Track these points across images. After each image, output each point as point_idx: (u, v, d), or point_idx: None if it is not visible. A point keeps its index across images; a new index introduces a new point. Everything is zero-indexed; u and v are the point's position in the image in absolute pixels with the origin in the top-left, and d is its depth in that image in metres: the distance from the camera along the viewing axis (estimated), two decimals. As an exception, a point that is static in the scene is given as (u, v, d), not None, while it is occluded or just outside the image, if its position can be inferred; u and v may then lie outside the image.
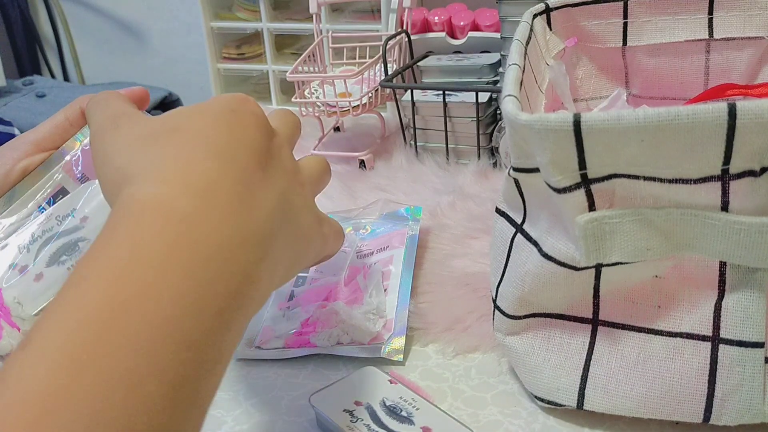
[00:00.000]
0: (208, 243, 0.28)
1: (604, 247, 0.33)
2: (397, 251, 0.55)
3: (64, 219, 0.43)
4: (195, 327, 0.26)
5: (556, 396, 0.39)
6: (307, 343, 0.46)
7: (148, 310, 0.25)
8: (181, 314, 0.26)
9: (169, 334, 0.25)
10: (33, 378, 0.23)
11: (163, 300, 0.26)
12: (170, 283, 0.26)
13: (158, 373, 0.24)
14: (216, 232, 0.29)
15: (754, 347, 0.34)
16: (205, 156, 0.31)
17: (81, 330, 0.24)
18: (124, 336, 0.24)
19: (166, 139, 0.32)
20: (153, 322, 0.25)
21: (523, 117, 0.33)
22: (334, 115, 0.80)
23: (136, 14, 1.43)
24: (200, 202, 0.29)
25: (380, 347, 0.45)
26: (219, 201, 0.30)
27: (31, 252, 0.43)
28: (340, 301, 0.49)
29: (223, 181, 0.31)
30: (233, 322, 0.28)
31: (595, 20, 0.57)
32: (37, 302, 0.42)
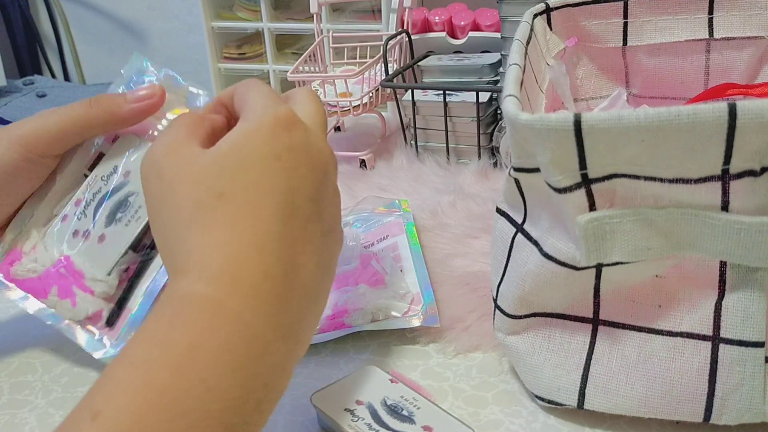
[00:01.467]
0: (255, 342, 0.31)
1: (604, 247, 0.33)
2: (399, 238, 0.57)
3: (110, 178, 0.45)
4: (236, 418, 0.29)
5: (557, 395, 0.39)
6: (341, 325, 0.47)
7: (200, 403, 0.28)
8: (225, 408, 0.29)
9: (214, 427, 0.28)
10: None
11: (213, 395, 0.29)
12: (220, 380, 0.29)
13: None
14: (262, 333, 0.31)
15: (755, 347, 0.34)
16: (256, 246, 0.32)
17: (146, 413, 0.27)
18: (180, 424, 0.28)
19: (213, 213, 0.33)
20: (202, 414, 0.28)
21: (523, 117, 0.33)
22: (335, 115, 0.80)
23: (137, 14, 1.43)
24: (249, 302, 0.31)
25: (416, 317, 0.47)
26: (265, 299, 0.32)
27: (87, 216, 0.44)
28: (363, 284, 0.50)
29: (269, 279, 0.32)
30: (266, 411, 0.31)
31: (595, 20, 0.57)
32: (106, 263, 0.43)
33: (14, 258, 0.45)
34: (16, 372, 0.47)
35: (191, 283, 0.31)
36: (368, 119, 0.91)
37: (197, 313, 0.30)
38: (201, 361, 0.29)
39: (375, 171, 0.78)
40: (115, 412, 0.27)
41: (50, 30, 1.51)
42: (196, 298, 0.31)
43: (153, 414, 0.27)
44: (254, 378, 0.30)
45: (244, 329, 0.31)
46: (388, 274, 0.51)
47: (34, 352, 0.49)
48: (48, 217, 0.46)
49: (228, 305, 0.31)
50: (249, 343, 0.31)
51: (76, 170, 0.46)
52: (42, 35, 1.52)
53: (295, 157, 0.34)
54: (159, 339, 0.30)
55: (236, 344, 0.30)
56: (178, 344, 0.29)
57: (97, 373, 0.46)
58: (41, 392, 0.44)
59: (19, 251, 0.45)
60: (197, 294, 0.31)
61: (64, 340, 0.49)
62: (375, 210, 0.63)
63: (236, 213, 0.33)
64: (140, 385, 0.28)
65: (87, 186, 0.45)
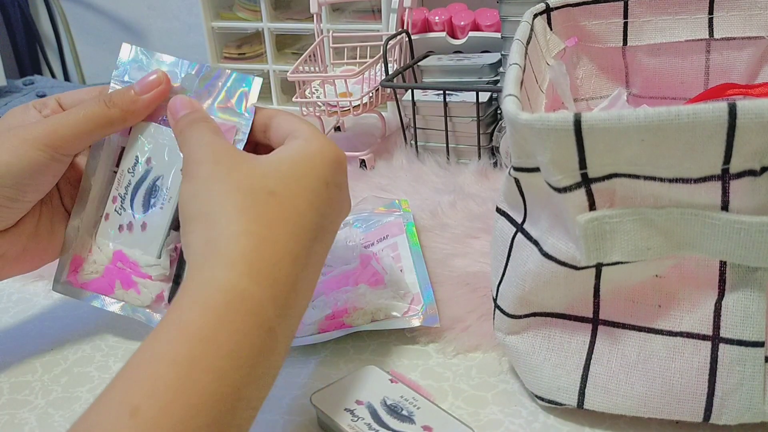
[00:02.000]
0: (277, 349, 0.34)
1: (604, 247, 0.33)
2: (399, 238, 0.57)
3: (135, 168, 0.47)
4: (249, 421, 0.33)
5: (557, 395, 0.39)
6: (342, 325, 0.47)
7: (231, 412, 0.31)
8: (250, 416, 0.32)
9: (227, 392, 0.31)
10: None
11: (243, 404, 0.31)
12: (250, 390, 0.32)
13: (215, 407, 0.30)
14: (282, 342, 0.34)
15: (754, 346, 0.34)
16: (292, 255, 0.35)
17: (188, 416, 0.29)
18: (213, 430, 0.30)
19: (262, 205, 0.36)
20: (231, 420, 0.30)
21: (523, 116, 0.33)
22: (335, 115, 0.80)
23: (137, 14, 1.43)
24: (279, 311, 0.34)
25: (416, 317, 0.47)
26: (290, 312, 0.35)
27: (126, 210, 0.47)
28: (363, 284, 0.50)
29: (294, 291, 0.35)
30: (266, 375, 0.34)
31: (595, 20, 0.57)
32: (153, 247, 0.46)
33: (77, 265, 0.48)
34: (16, 372, 0.47)
35: (238, 276, 0.33)
36: (368, 119, 0.91)
37: (242, 315, 0.32)
38: (239, 371, 0.31)
39: (375, 171, 0.78)
40: (155, 412, 0.28)
41: (50, 30, 1.51)
42: (241, 296, 0.33)
43: (193, 418, 0.29)
44: (266, 384, 0.34)
45: (273, 336, 0.33)
46: (388, 274, 0.51)
47: (34, 352, 0.49)
48: (95, 220, 0.48)
49: (266, 311, 0.33)
50: (273, 353, 0.33)
51: (107, 170, 0.48)
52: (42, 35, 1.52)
53: (337, 193, 0.39)
54: (204, 338, 0.31)
55: (265, 354, 0.33)
56: (222, 348, 0.31)
57: (97, 373, 0.46)
58: (41, 392, 0.44)
59: (80, 258, 0.48)
60: (245, 293, 0.33)
61: (64, 340, 0.50)
62: (375, 210, 0.63)
63: (284, 217, 0.36)
64: (182, 388, 0.29)
65: (117, 182, 0.47)
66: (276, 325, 0.34)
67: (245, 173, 0.37)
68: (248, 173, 0.37)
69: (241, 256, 0.34)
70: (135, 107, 0.45)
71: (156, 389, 0.29)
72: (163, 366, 0.30)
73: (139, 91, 0.45)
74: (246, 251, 0.34)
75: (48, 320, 0.53)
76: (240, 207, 0.35)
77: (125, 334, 0.50)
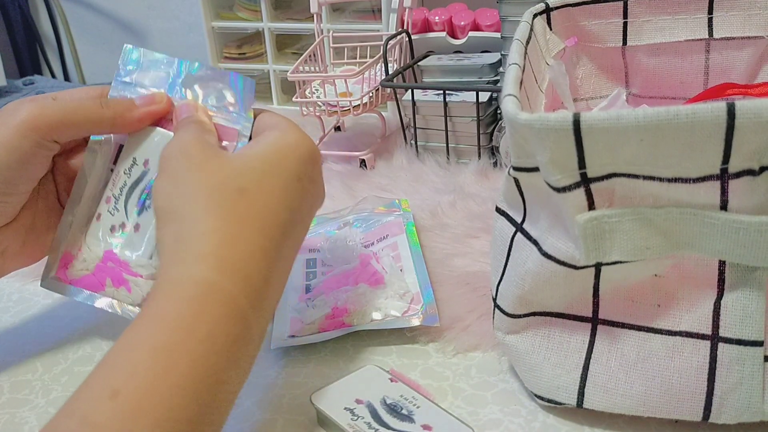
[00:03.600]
0: (253, 338, 0.35)
1: (603, 246, 0.33)
2: (399, 238, 0.57)
3: (131, 170, 0.46)
4: (231, 403, 0.34)
5: (556, 394, 0.39)
6: (341, 324, 0.47)
7: (213, 393, 0.32)
8: (230, 400, 0.33)
9: (220, 415, 0.33)
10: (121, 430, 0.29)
11: (223, 387, 0.32)
12: (229, 374, 0.33)
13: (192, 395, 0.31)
14: (257, 333, 0.35)
15: (754, 346, 0.34)
16: (263, 249, 0.36)
17: (168, 397, 0.30)
18: (194, 411, 0.31)
19: (231, 202, 0.36)
20: (212, 401, 0.32)
21: (523, 116, 0.33)
22: (335, 115, 0.80)
23: (136, 14, 1.43)
24: (252, 302, 0.35)
25: (416, 316, 0.47)
26: (262, 303, 0.36)
27: (119, 210, 0.47)
28: (363, 284, 0.50)
29: (267, 284, 0.36)
30: (242, 361, 0.34)
31: (595, 20, 0.57)
32: (145, 248, 0.46)
33: (67, 261, 0.48)
34: (16, 371, 0.47)
35: (209, 270, 0.34)
36: (368, 119, 0.91)
37: (215, 306, 0.33)
38: (215, 356, 0.32)
39: (375, 171, 0.78)
40: (136, 393, 0.29)
41: (50, 30, 1.51)
42: (214, 289, 0.33)
43: (173, 398, 0.29)
44: (243, 370, 0.35)
45: (245, 326, 0.34)
46: (388, 273, 0.51)
47: (34, 351, 0.49)
48: (88, 217, 0.48)
49: (239, 303, 0.34)
50: (246, 341, 0.34)
51: (103, 168, 0.48)
52: (42, 35, 1.52)
53: (310, 186, 0.40)
54: (182, 327, 0.32)
55: (240, 341, 0.33)
56: (198, 334, 0.32)
57: (97, 373, 0.46)
58: (41, 392, 0.45)
59: (70, 254, 0.48)
60: (214, 284, 0.33)
61: (64, 340, 0.50)
62: (375, 210, 0.64)
63: (253, 213, 0.36)
64: (162, 370, 0.30)
65: (113, 182, 0.47)
66: (250, 315, 0.34)
67: (215, 170, 0.37)
68: (218, 170, 0.37)
69: (211, 252, 0.34)
70: (129, 115, 0.45)
71: (136, 373, 0.30)
72: (143, 352, 0.31)
73: (138, 104, 0.45)
74: (216, 248, 0.34)
75: (48, 320, 0.53)
76: (208, 206, 0.36)
77: (125, 334, 0.50)
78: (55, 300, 0.55)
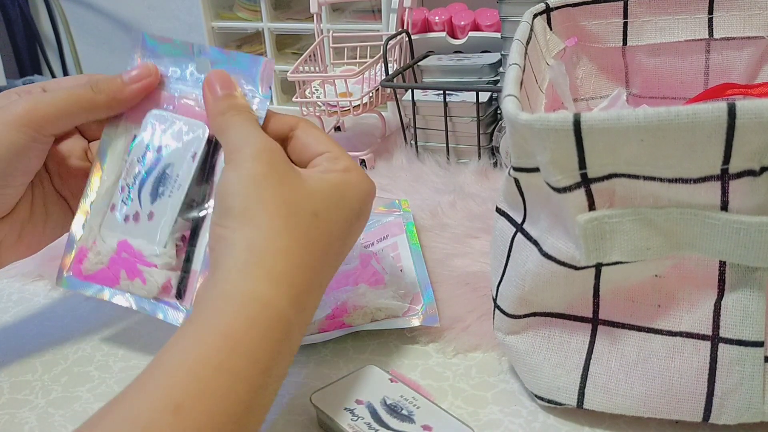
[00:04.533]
0: (291, 351, 0.36)
1: (604, 247, 0.33)
2: (399, 238, 0.57)
3: (144, 157, 0.46)
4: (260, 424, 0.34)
5: (556, 395, 0.39)
6: (341, 325, 0.47)
7: (258, 418, 0.34)
8: (265, 412, 0.35)
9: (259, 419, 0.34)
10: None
11: (266, 410, 0.34)
12: (272, 398, 0.35)
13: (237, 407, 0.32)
14: (296, 339, 0.37)
15: (754, 346, 0.34)
16: (318, 276, 0.38)
17: (225, 423, 0.31)
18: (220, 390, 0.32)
19: (305, 225, 0.37)
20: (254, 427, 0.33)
21: (523, 117, 0.33)
22: (335, 115, 0.80)
23: (137, 14, 1.43)
24: (303, 328, 0.37)
25: (416, 317, 0.47)
26: (308, 317, 0.38)
27: (133, 200, 0.46)
28: (363, 284, 0.50)
29: (317, 303, 0.39)
30: (278, 376, 0.36)
31: (595, 20, 0.57)
32: (160, 237, 0.45)
33: (82, 257, 0.47)
34: (16, 372, 0.47)
35: (280, 297, 0.35)
36: (368, 119, 0.91)
37: (279, 334, 0.34)
38: (270, 387, 0.34)
39: (375, 171, 0.78)
40: (199, 413, 0.30)
41: (50, 30, 1.51)
42: (281, 319, 0.35)
43: (229, 424, 0.31)
44: (283, 373, 0.36)
45: (291, 352, 0.36)
46: (388, 273, 0.51)
47: (34, 351, 0.49)
48: (104, 210, 0.47)
49: (294, 331, 0.36)
50: (290, 342, 0.36)
51: (119, 159, 0.47)
52: (42, 35, 1.52)
53: (362, 223, 0.42)
54: (247, 352, 0.33)
55: (285, 348, 0.35)
56: (261, 361, 0.33)
57: (97, 373, 0.46)
58: (41, 392, 0.45)
59: (85, 249, 0.47)
60: (282, 313, 0.35)
61: (64, 340, 0.50)
62: (375, 210, 0.63)
63: (320, 239, 0.38)
64: (225, 393, 0.31)
65: (126, 171, 0.46)
66: (296, 342, 0.37)
67: (295, 186, 0.38)
68: (297, 188, 0.38)
69: (284, 276, 0.35)
70: (122, 95, 0.45)
71: (201, 392, 0.31)
72: (208, 371, 0.32)
73: (127, 81, 0.45)
74: (289, 273, 0.36)
75: (48, 320, 0.53)
76: (286, 223, 0.36)
77: (125, 334, 0.50)
78: (55, 300, 0.55)
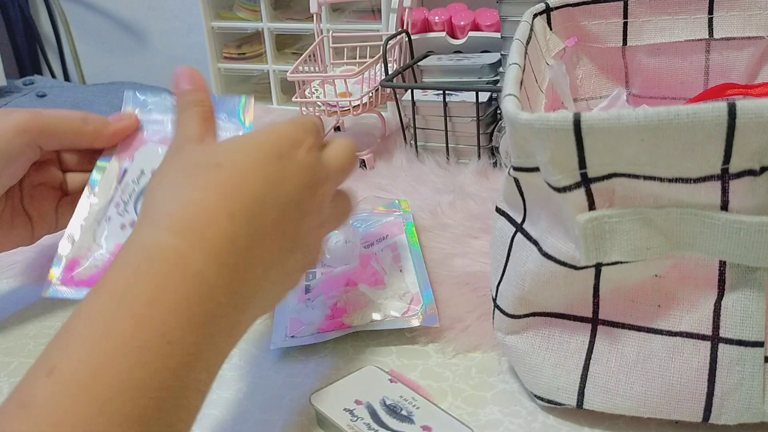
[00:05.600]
0: (211, 302, 0.32)
1: (604, 247, 0.33)
2: (399, 238, 0.57)
3: (140, 179, 0.50)
4: (190, 374, 0.30)
5: (556, 395, 0.39)
6: (341, 325, 0.47)
7: (159, 357, 0.29)
8: (181, 364, 0.30)
9: (170, 381, 0.29)
10: (58, 408, 0.27)
11: (172, 348, 0.30)
12: (178, 335, 0.30)
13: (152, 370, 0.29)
14: (217, 296, 0.32)
15: (754, 346, 0.34)
16: (229, 213, 0.34)
17: (105, 364, 0.28)
18: (138, 375, 0.28)
19: (204, 175, 0.35)
20: (161, 367, 0.29)
21: (523, 116, 0.33)
22: (335, 115, 0.80)
23: (136, 14, 1.43)
24: (210, 261, 0.33)
25: (415, 317, 0.47)
26: (225, 263, 0.33)
27: (129, 211, 0.50)
28: (363, 284, 0.50)
29: (233, 245, 0.34)
30: (213, 372, 0.33)
31: (595, 20, 0.57)
32: None
33: (73, 265, 0.49)
34: (15, 372, 0.47)
35: (158, 230, 0.33)
36: (368, 119, 0.91)
37: (160, 263, 0.32)
38: (162, 314, 0.30)
39: (375, 171, 0.78)
40: (71, 365, 0.28)
41: (50, 30, 1.51)
42: (161, 248, 0.32)
43: (112, 365, 0.28)
44: (207, 338, 0.32)
45: (204, 287, 0.32)
46: (388, 274, 0.51)
47: (33, 351, 0.49)
48: (95, 228, 0.50)
49: (191, 259, 0.32)
50: (206, 302, 0.32)
51: (108, 186, 0.51)
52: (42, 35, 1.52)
53: (298, 171, 0.37)
54: (120, 291, 0.31)
55: (195, 300, 0.31)
56: (140, 296, 0.30)
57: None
58: (41, 392, 0.44)
59: (76, 261, 0.49)
60: (163, 243, 0.32)
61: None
62: (375, 210, 0.63)
63: (223, 181, 0.35)
64: (98, 338, 0.29)
65: (121, 191, 0.50)
66: (211, 278, 0.32)
67: (198, 151, 0.38)
68: (200, 151, 0.38)
69: (164, 214, 0.34)
70: (105, 131, 0.51)
71: (69, 345, 0.29)
72: (78, 323, 0.30)
73: (112, 122, 0.52)
74: (171, 211, 0.34)
75: (48, 320, 0.53)
76: (178, 178, 0.36)
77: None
78: (55, 300, 0.55)
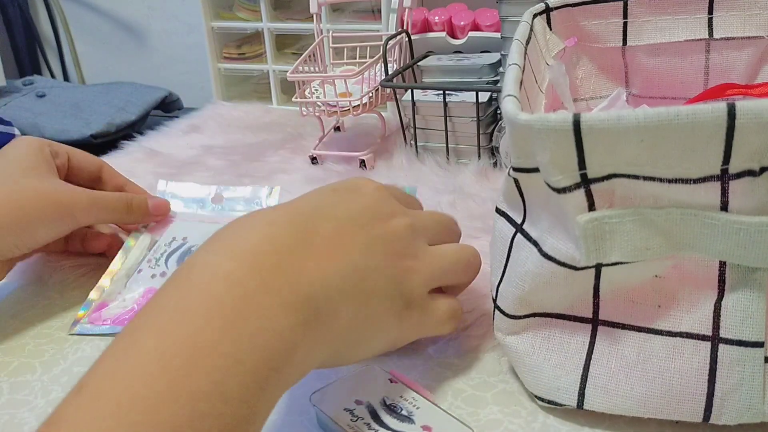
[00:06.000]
0: (257, 314, 0.31)
1: (604, 247, 0.33)
2: None
3: (171, 243, 0.56)
4: (234, 384, 0.29)
5: (556, 395, 0.39)
6: None
7: (197, 370, 0.28)
8: (224, 372, 0.29)
9: (210, 392, 0.28)
10: (87, 427, 0.26)
11: (211, 361, 0.29)
12: (224, 348, 0.29)
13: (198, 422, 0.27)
14: (264, 303, 0.32)
15: (754, 347, 0.34)
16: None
17: (136, 384, 0.27)
18: (176, 389, 0.28)
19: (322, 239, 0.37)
20: (199, 381, 0.28)
21: (523, 117, 0.33)
22: (335, 115, 0.80)
23: (136, 14, 1.43)
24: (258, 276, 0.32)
25: None
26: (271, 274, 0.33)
27: (160, 265, 0.54)
28: None
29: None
30: (268, 382, 0.31)
31: (595, 20, 0.57)
32: None
33: (101, 307, 0.52)
34: (15, 372, 0.47)
35: (234, 263, 0.33)
36: (368, 119, 0.91)
37: (238, 311, 0.31)
38: (209, 331, 0.30)
39: (375, 171, 0.78)
40: (95, 381, 0.28)
41: (50, 30, 1.51)
42: (239, 287, 0.32)
43: (135, 376, 0.28)
44: (252, 348, 0.31)
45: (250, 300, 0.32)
46: None
47: (33, 351, 0.49)
48: (124, 283, 0.54)
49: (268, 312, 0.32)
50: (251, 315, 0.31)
51: (140, 253, 0.56)
52: (42, 35, 1.52)
53: (346, 194, 0.44)
54: (149, 306, 0.32)
55: (242, 313, 0.31)
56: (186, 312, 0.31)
57: (96, 373, 0.46)
58: (41, 392, 0.44)
59: (105, 303, 0.52)
60: (240, 281, 0.32)
61: (63, 340, 0.50)
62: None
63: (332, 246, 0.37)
64: (121, 352, 0.29)
65: (153, 251, 0.56)
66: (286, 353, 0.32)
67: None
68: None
69: (245, 252, 0.35)
70: (144, 221, 0.59)
71: (99, 362, 0.29)
72: (111, 345, 0.30)
73: (152, 211, 0.58)
74: (249, 249, 0.35)
75: (48, 320, 0.53)
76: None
77: (125, 334, 0.50)
78: (55, 300, 0.55)
